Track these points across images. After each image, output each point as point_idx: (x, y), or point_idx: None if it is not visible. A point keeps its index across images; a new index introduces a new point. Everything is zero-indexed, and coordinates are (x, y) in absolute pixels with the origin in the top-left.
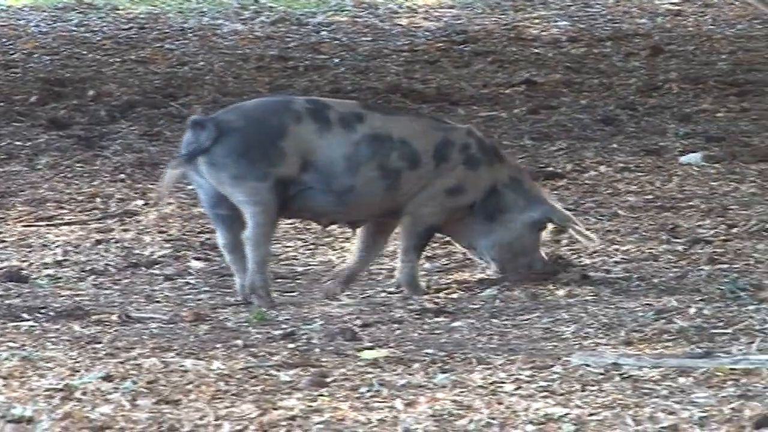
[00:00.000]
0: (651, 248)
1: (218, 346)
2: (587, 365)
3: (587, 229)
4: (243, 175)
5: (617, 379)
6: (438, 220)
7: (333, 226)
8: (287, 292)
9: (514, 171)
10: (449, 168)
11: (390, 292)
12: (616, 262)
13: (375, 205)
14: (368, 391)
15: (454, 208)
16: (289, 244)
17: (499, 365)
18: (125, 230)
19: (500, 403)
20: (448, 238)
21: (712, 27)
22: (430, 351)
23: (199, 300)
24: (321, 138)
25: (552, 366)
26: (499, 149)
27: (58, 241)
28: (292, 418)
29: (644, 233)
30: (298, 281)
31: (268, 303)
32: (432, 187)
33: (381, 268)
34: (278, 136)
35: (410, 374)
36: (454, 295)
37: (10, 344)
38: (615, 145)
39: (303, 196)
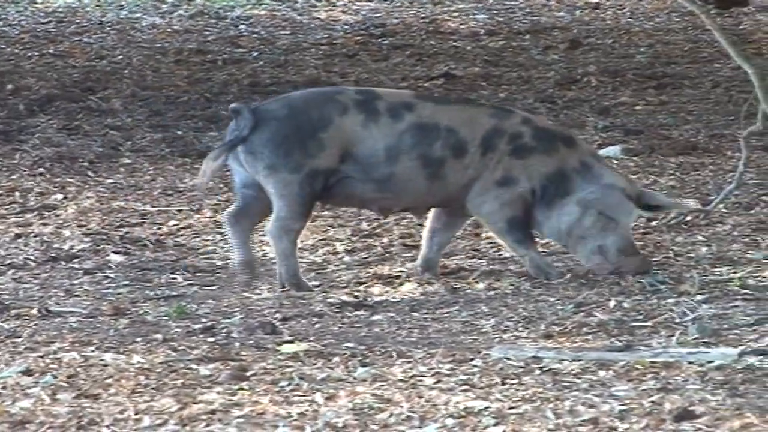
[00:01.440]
0: None
1: (138, 340)
2: (507, 358)
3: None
4: (277, 165)
5: (537, 372)
6: (510, 212)
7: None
8: (207, 285)
9: (587, 156)
10: (496, 159)
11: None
12: None
13: (421, 194)
14: (288, 384)
15: (516, 198)
16: (208, 237)
17: (419, 359)
18: (44, 224)
19: (420, 397)
20: (367, 232)
21: (630, 20)
22: (350, 345)
23: (118, 294)
24: (365, 129)
25: (472, 359)
26: (569, 135)
27: None
28: (212, 412)
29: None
30: (217, 275)
31: (304, 289)
32: (483, 181)
33: (301, 261)
34: (319, 127)
35: (330, 368)
36: (374, 289)
37: None
38: None
39: (342, 184)
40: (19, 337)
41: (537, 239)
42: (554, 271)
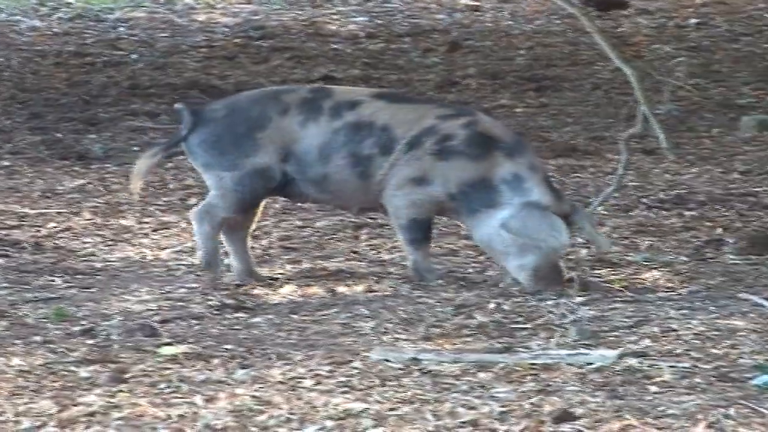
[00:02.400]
0: (450, 243)
1: (17, 342)
2: (387, 360)
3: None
4: (212, 164)
5: (417, 374)
6: (416, 213)
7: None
8: (86, 288)
9: (524, 168)
10: (416, 157)
11: (189, 288)
12: None
13: (358, 193)
14: (168, 387)
15: (426, 200)
16: (87, 240)
17: (299, 361)
18: None
19: (300, 399)
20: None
21: (510, 22)
22: (229, 347)
23: None
24: (303, 128)
25: (351, 361)
26: (514, 144)
27: None
28: (92, 414)
29: (444, 228)
30: (97, 277)
31: (212, 278)
32: (398, 177)
33: (180, 264)
34: (257, 127)
35: (210, 370)
36: (254, 291)
37: None
38: None
39: (292, 185)
40: None
41: None
42: (433, 276)
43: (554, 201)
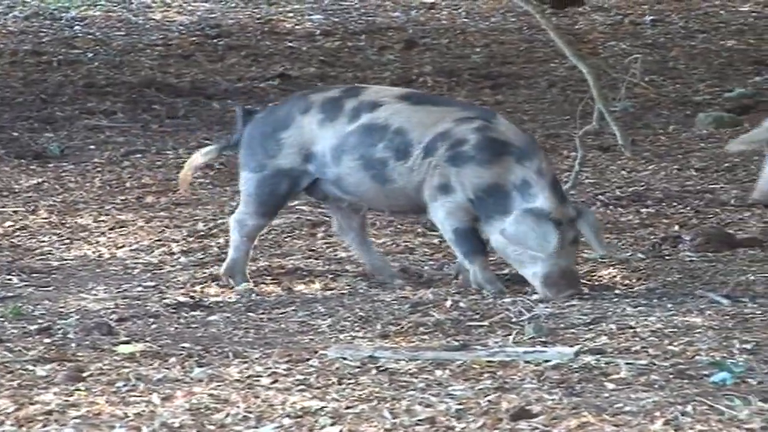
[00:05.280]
0: (407, 241)
1: None
2: (344, 358)
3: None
4: (243, 164)
5: (374, 372)
6: (456, 221)
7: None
8: (42, 286)
9: (532, 173)
10: (434, 164)
11: (146, 287)
12: None
13: (375, 196)
14: (125, 385)
15: (456, 207)
16: (44, 238)
17: (256, 359)
18: None
19: (257, 397)
20: (203, 233)
21: (465, 20)
22: (186, 345)
23: None
24: (321, 128)
25: (308, 359)
26: (524, 148)
27: None
28: (49, 412)
29: (399, 226)
30: (53, 276)
31: (236, 283)
32: (427, 186)
33: (136, 262)
34: (280, 128)
35: (167, 368)
36: (210, 290)
37: None
38: None
39: (317, 184)
40: None
41: None
42: (498, 286)
43: (559, 206)
